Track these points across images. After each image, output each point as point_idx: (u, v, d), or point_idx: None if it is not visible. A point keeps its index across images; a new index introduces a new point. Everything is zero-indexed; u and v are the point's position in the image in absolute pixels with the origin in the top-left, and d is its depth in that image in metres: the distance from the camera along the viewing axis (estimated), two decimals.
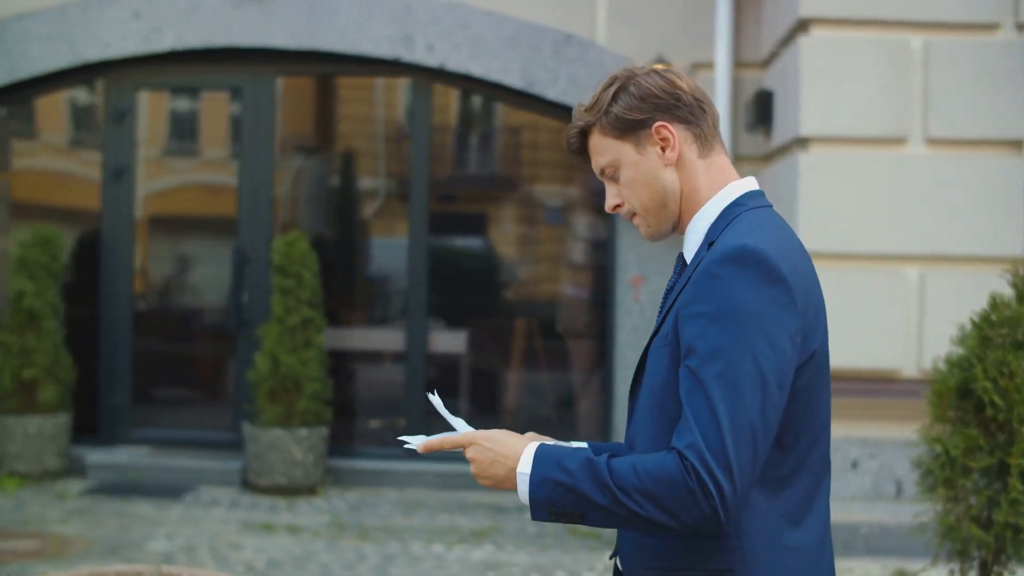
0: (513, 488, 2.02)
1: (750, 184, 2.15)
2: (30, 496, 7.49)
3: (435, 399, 2.25)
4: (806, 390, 2.02)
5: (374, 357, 8.46)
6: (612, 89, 2.13)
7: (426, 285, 8.05)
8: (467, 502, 7.59)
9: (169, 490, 7.64)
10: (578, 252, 8.53)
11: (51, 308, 7.80)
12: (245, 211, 8.19)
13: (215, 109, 9.06)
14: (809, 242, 6.54)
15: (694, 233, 2.14)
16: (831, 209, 6.60)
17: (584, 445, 2.25)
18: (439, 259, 8.23)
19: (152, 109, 8.68)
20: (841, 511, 6.60)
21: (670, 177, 2.12)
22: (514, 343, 8.32)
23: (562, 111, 7.96)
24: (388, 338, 8.25)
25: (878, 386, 6.65)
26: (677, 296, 2.07)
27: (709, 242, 2.07)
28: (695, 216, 2.14)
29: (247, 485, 7.75)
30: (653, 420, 2.07)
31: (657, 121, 2.10)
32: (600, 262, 8.19)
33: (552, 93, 7.80)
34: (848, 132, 6.62)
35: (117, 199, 8.26)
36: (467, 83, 8.04)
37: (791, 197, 6.70)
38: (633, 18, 7.81)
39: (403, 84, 8.49)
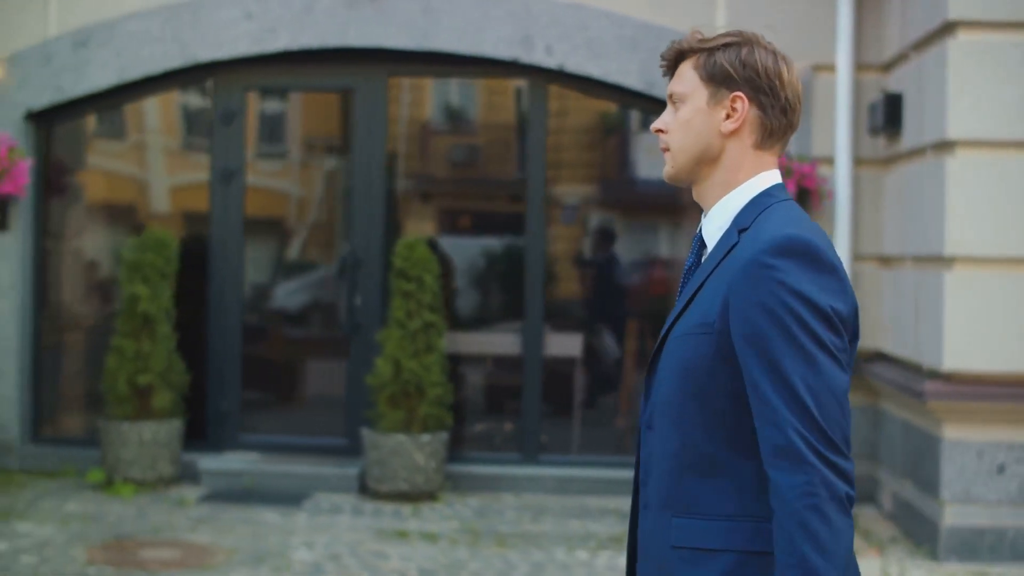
0: None
1: (777, 176, 2.18)
2: (148, 503, 7.38)
3: None
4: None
5: (486, 360, 8.35)
6: (729, 39, 2.16)
7: (541, 288, 7.96)
8: (591, 507, 7.50)
9: (287, 497, 7.54)
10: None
11: (165, 312, 7.69)
12: (356, 213, 8.09)
13: (321, 110, 8.96)
14: (956, 245, 6.50)
15: (721, 216, 2.15)
16: (979, 212, 6.53)
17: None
18: (551, 262, 8.16)
19: (258, 110, 8.58)
20: (987, 516, 6.56)
21: (717, 143, 2.14)
22: (627, 345, 8.24)
23: None
24: (503, 341, 8.15)
25: None
26: (706, 280, 2.09)
27: (739, 228, 2.10)
28: (725, 197, 2.16)
29: (365, 491, 7.66)
30: (680, 403, 2.08)
31: (740, 91, 2.12)
32: None
33: None
34: (996, 135, 6.55)
35: (226, 202, 8.15)
36: (584, 84, 7.96)
37: (936, 200, 6.64)
38: (752, 19, 7.72)
39: (510, 85, 8.40)
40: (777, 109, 2.14)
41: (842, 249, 7.58)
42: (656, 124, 2.22)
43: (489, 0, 7.77)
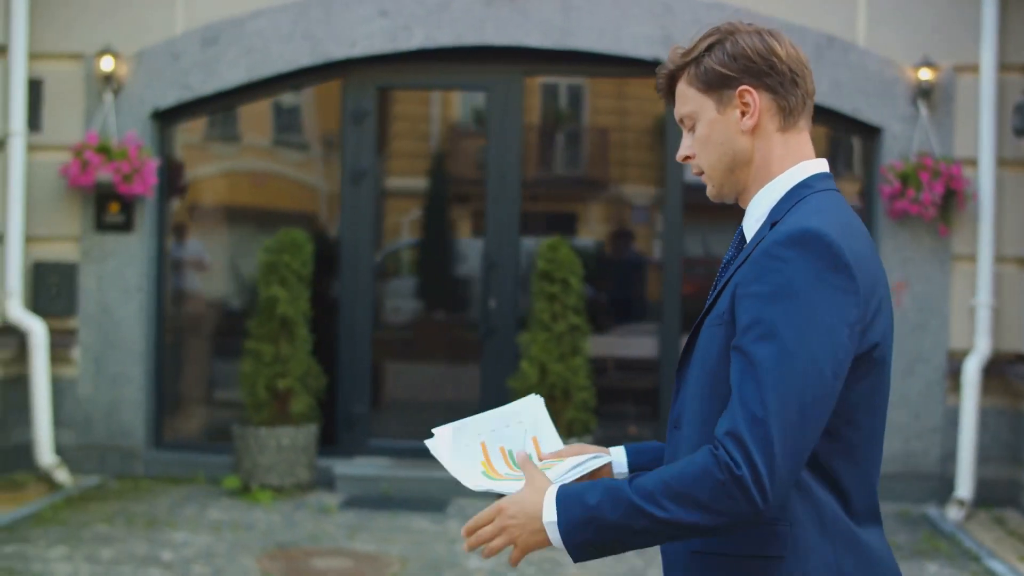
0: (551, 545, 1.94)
1: (821, 165, 2.07)
2: (291, 510, 7.24)
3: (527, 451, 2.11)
4: (863, 381, 1.95)
5: (624, 364, 8.23)
6: (709, 40, 2.07)
7: (678, 289, 7.86)
8: None
9: (428, 503, 7.42)
10: None
11: (303, 315, 7.55)
12: (491, 214, 7.97)
13: (451, 108, 8.83)
14: None
15: (758, 208, 2.07)
16: None
17: (620, 449, 2.23)
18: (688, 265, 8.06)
19: (388, 109, 8.44)
20: None
21: (743, 144, 2.05)
22: None
23: (824, 114, 7.80)
24: (639, 344, 8.05)
25: None
26: (734, 273, 2.01)
27: (772, 222, 2.00)
28: (762, 190, 2.07)
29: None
30: (704, 399, 2.01)
31: (743, 84, 2.02)
32: None
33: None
34: None
35: (356, 202, 8.01)
36: None
37: None
38: (895, 19, 7.66)
39: (645, 84, 8.30)
40: (786, 84, 2.04)
41: (984, 251, 7.52)
42: (681, 153, 2.13)
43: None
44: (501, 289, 7.95)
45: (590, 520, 1.90)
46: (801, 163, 2.07)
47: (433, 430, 2.14)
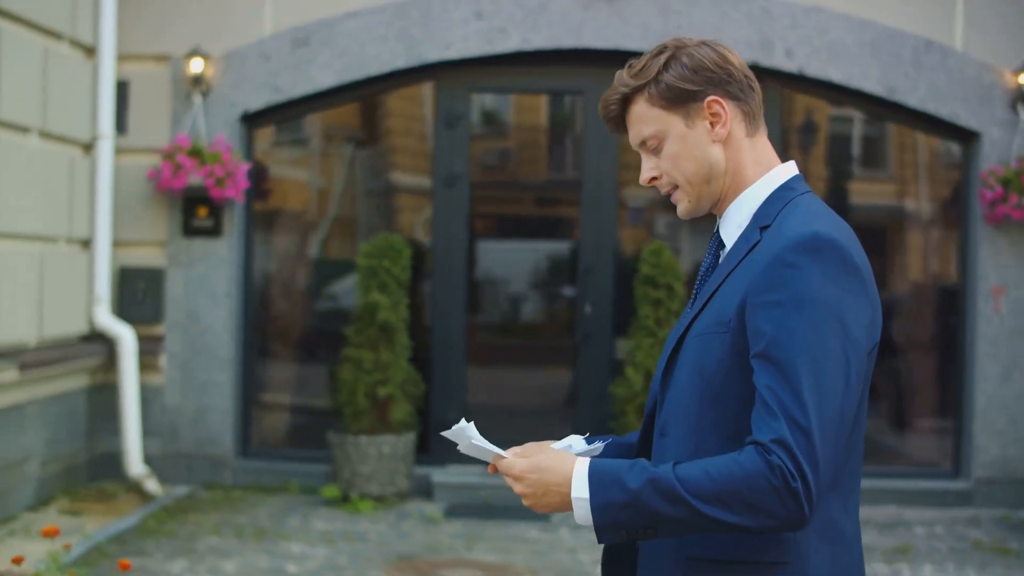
0: (569, 510, 1.94)
1: (792, 168, 2.09)
2: (395, 519, 7.13)
3: (467, 429, 2.07)
4: (864, 380, 1.97)
5: None
6: (663, 57, 2.05)
7: None
8: None
9: (529, 511, 7.31)
10: (924, 261, 8.35)
11: (403, 321, 7.44)
12: (587, 219, 7.89)
13: (533, 112, 8.74)
14: None
15: (738, 213, 2.07)
16: None
17: (601, 445, 2.21)
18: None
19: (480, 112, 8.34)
20: None
21: (717, 154, 2.06)
22: None
23: (922, 120, 7.79)
24: None
25: None
26: (725, 280, 2.00)
27: (761, 226, 2.01)
28: (740, 196, 2.07)
29: None
30: (696, 407, 1.99)
31: (709, 95, 2.03)
32: (950, 271, 8.02)
33: (912, 100, 7.63)
34: None
35: (450, 207, 7.91)
36: (820, 89, 7.82)
37: None
38: (993, 24, 7.65)
39: None
40: (745, 90, 2.06)
41: None
42: (646, 175, 2.11)
43: (728, 2, 7.61)
44: (597, 294, 7.87)
45: (629, 504, 1.88)
46: (775, 167, 2.09)
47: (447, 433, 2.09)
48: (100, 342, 7.56)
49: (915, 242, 8.32)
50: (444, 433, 2.10)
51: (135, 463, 7.50)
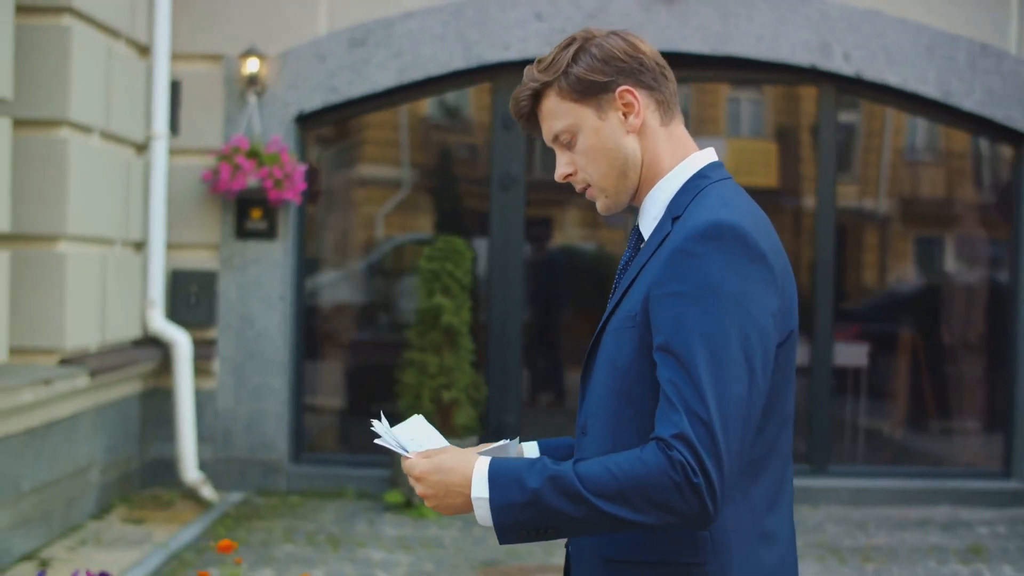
0: (472, 511, 1.91)
1: (710, 155, 2.06)
2: (463, 524, 7.06)
3: (381, 426, 2.07)
4: (779, 371, 1.93)
5: None
6: (572, 49, 2.03)
7: (832, 297, 7.84)
8: (893, 518, 7.37)
9: None
10: (974, 262, 8.43)
11: (466, 325, 7.37)
12: None
13: None
14: None
15: (654, 205, 2.04)
16: None
17: (533, 444, 2.21)
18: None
19: None
20: None
21: (632, 145, 2.02)
22: (901, 355, 8.18)
23: (976, 123, 7.86)
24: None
25: None
26: (639, 273, 1.97)
27: (673, 216, 1.97)
28: (655, 187, 2.04)
29: None
30: (613, 404, 1.96)
31: (621, 85, 2.00)
32: (1001, 273, 8.11)
33: (968, 104, 7.69)
34: None
35: (506, 208, 7.85)
36: (875, 92, 7.86)
37: None
38: None
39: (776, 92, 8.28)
40: (658, 78, 2.03)
41: None
42: (560, 171, 2.08)
43: (786, 5, 7.63)
44: None
45: (529, 504, 1.84)
46: (691, 155, 2.04)
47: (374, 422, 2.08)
48: (153, 346, 7.42)
49: (964, 243, 8.38)
50: (374, 428, 2.06)
51: (190, 469, 7.37)
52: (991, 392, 8.19)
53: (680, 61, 7.73)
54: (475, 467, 1.90)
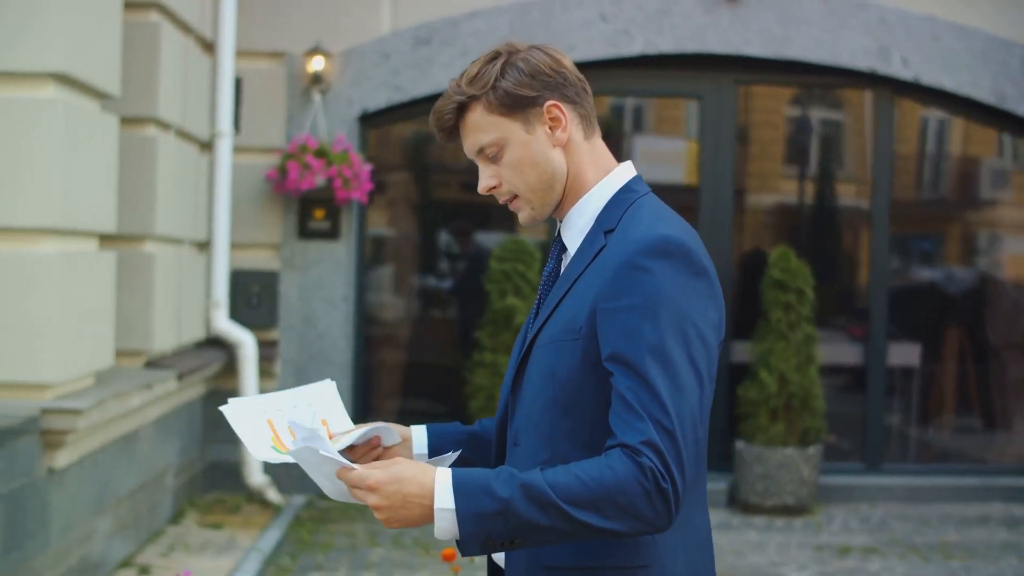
0: (429, 522, 1.87)
1: (631, 169, 2.11)
2: None
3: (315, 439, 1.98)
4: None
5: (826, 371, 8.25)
6: (498, 63, 2.04)
7: (885, 298, 7.95)
8: (951, 515, 7.51)
9: None
10: (1018, 265, 8.59)
11: None
12: (705, 222, 7.91)
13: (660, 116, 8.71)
14: None
15: (580, 217, 2.06)
16: None
17: (421, 429, 2.24)
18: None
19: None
20: None
21: (558, 158, 2.05)
22: (946, 355, 8.33)
23: None
24: (841, 351, 8.10)
25: None
26: (572, 285, 2.00)
27: (605, 230, 2.01)
28: (581, 200, 2.07)
29: (734, 504, 7.54)
30: (549, 415, 1.98)
31: (548, 100, 2.03)
32: None
33: (1022, 108, 7.85)
34: None
35: None
36: (931, 97, 7.99)
37: None
38: None
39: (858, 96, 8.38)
40: (580, 93, 2.07)
41: None
42: (484, 184, 2.09)
43: (845, 10, 7.73)
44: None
45: (500, 513, 1.83)
46: (614, 169, 2.08)
47: (229, 400, 2.11)
48: (216, 348, 7.31)
49: (1010, 244, 8.55)
50: (290, 425, 2.01)
51: (256, 472, 7.28)
52: None
53: (738, 64, 7.81)
54: (436, 477, 1.87)
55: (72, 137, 4.96)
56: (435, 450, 2.22)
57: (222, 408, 2.10)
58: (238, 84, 7.45)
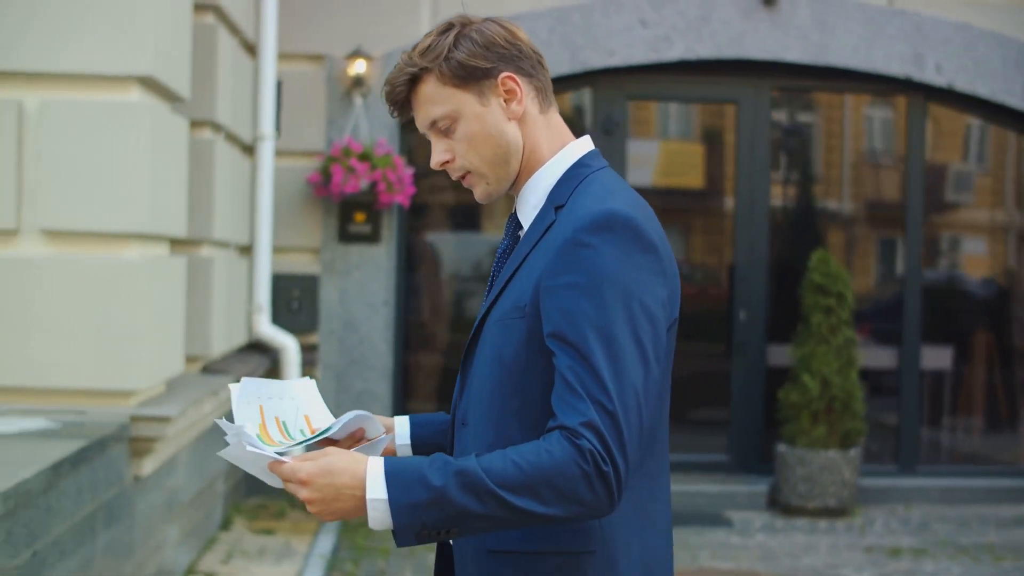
0: (364, 514, 1.82)
1: (588, 143, 2.05)
2: None
3: (242, 434, 1.93)
4: (664, 357, 1.94)
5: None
6: (451, 35, 1.99)
7: (919, 302, 8.03)
8: (989, 516, 7.59)
9: (701, 517, 7.38)
10: None
11: None
12: (740, 227, 7.96)
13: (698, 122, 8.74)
14: None
15: (533, 193, 2.02)
16: None
17: (404, 419, 2.22)
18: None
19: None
20: None
21: (513, 132, 2.00)
22: (976, 357, 8.42)
23: None
24: (876, 354, 8.16)
25: None
26: (522, 262, 1.96)
27: (556, 205, 1.97)
28: (535, 175, 2.02)
29: (775, 507, 7.59)
30: (498, 396, 1.94)
31: (503, 72, 1.98)
32: None
33: None
34: None
35: None
36: (964, 103, 8.08)
37: None
38: None
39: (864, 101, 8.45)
40: (536, 66, 2.03)
41: None
42: (437, 158, 2.03)
43: (882, 17, 7.80)
44: (750, 301, 7.95)
45: (434, 502, 1.77)
46: (570, 143, 2.04)
47: (244, 378, 2.07)
48: (258, 353, 7.25)
49: None
50: (219, 423, 1.96)
51: None
52: None
53: (776, 70, 7.86)
54: (368, 467, 1.81)
55: (156, 140, 4.91)
56: (418, 440, 2.19)
57: (231, 385, 2.04)
58: (278, 87, 7.39)
